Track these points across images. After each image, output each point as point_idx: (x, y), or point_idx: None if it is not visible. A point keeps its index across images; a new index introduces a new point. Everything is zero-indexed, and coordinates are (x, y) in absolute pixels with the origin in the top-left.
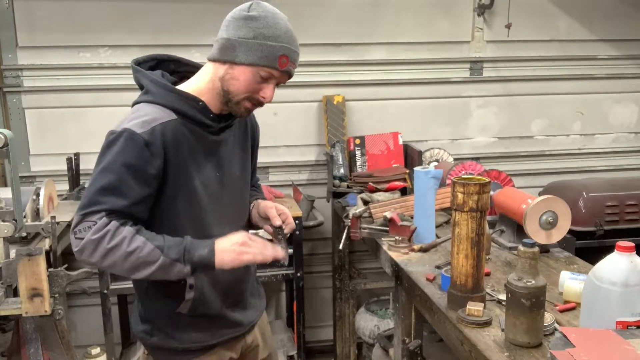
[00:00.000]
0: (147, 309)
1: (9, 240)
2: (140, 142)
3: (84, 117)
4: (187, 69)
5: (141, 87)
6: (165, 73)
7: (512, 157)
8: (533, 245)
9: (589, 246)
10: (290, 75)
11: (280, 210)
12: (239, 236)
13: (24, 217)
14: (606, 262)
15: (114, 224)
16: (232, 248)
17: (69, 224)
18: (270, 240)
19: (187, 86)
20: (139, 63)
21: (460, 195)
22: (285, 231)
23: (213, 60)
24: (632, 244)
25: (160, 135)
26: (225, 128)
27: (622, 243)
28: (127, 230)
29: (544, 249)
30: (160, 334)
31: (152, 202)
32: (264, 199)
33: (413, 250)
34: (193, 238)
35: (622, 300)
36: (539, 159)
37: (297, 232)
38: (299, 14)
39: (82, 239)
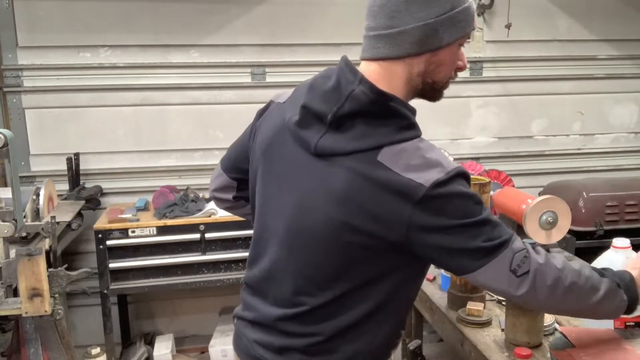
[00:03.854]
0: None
1: (9, 240)
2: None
3: (84, 117)
4: None
5: (373, 114)
6: None
7: (512, 157)
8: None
9: (589, 246)
10: None
11: None
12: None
13: (24, 217)
14: (602, 259)
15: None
16: None
17: (68, 224)
18: None
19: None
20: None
21: None
22: None
23: (404, 56)
24: (628, 243)
25: None
26: None
27: (617, 241)
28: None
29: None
30: None
31: None
32: None
33: None
34: None
35: None
36: (539, 159)
37: None
38: (299, 14)
39: (528, 271)
